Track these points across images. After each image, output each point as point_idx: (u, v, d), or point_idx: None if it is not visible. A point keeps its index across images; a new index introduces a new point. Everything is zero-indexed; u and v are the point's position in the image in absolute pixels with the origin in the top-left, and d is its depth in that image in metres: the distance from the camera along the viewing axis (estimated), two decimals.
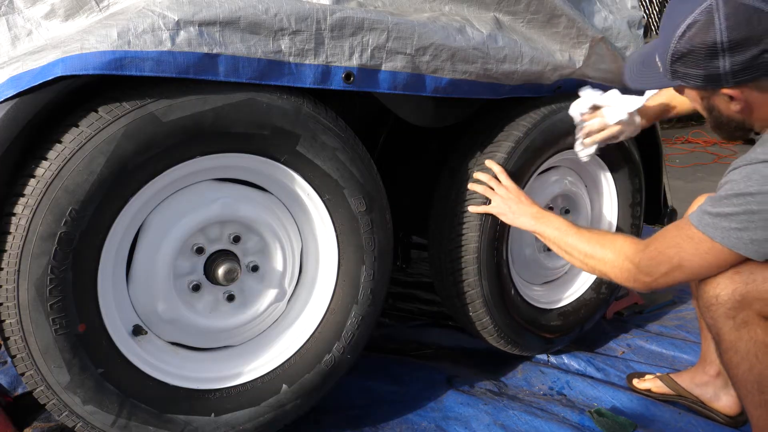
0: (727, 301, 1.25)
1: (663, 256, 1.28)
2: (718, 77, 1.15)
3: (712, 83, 1.17)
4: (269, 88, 1.26)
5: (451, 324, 2.26)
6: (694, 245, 1.24)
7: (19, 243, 1.08)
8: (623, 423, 1.65)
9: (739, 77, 1.13)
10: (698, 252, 1.23)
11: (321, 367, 1.49)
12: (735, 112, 1.21)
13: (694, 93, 1.26)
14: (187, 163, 1.24)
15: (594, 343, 2.20)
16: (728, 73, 1.13)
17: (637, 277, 1.32)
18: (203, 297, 1.38)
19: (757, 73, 1.12)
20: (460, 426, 1.62)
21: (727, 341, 1.28)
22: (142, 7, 1.13)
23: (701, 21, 1.12)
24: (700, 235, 1.22)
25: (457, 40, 1.45)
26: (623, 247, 1.36)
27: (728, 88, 1.16)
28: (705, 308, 1.30)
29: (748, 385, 1.28)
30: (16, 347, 1.13)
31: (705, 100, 1.25)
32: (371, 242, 1.48)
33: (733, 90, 1.16)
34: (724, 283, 1.25)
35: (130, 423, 1.25)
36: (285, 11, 1.22)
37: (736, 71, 1.12)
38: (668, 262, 1.27)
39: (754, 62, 1.10)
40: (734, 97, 1.18)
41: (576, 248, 1.45)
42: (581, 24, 1.70)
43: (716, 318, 1.28)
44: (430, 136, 1.81)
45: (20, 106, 1.07)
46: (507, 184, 1.62)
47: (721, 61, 1.12)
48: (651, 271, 1.30)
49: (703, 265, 1.24)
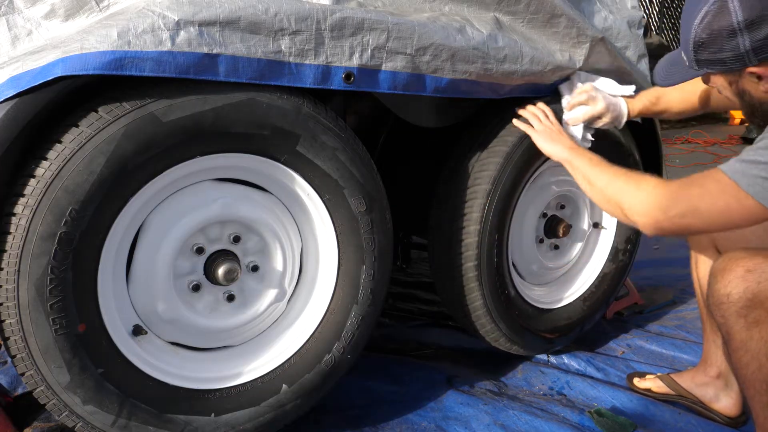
0: (739, 299, 1.24)
1: (685, 192, 1.23)
2: (741, 57, 1.19)
3: (736, 64, 1.21)
4: (269, 88, 1.26)
5: (451, 324, 2.26)
6: (720, 188, 1.19)
7: (19, 243, 1.08)
8: (623, 423, 1.65)
9: (761, 54, 1.17)
10: (722, 194, 1.18)
11: (321, 367, 1.49)
12: (764, 92, 1.24)
13: (722, 79, 1.29)
14: (187, 163, 1.24)
15: (594, 343, 2.20)
16: (749, 50, 1.17)
17: (651, 212, 1.26)
18: (203, 297, 1.38)
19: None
20: (460, 426, 1.62)
21: (738, 340, 1.27)
22: (142, 7, 1.12)
23: (716, 6, 1.18)
24: (727, 180, 1.18)
25: (457, 40, 1.45)
26: (647, 180, 1.32)
27: (753, 66, 1.20)
28: (715, 306, 1.28)
29: (757, 385, 1.28)
30: (16, 347, 1.13)
31: (734, 85, 1.28)
32: (371, 242, 1.48)
33: (758, 68, 1.20)
34: (735, 281, 1.24)
35: (130, 423, 1.25)
36: (285, 11, 1.22)
37: (756, 48, 1.17)
38: (688, 201, 1.22)
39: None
40: (761, 75, 1.21)
41: (602, 175, 1.41)
42: (581, 24, 1.70)
43: (727, 316, 1.27)
44: (430, 136, 1.81)
45: (20, 106, 1.07)
46: (552, 119, 1.64)
47: (741, 41, 1.17)
48: (668, 207, 1.24)
49: (723, 211, 1.19)
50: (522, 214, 1.87)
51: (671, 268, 3.08)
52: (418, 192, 1.89)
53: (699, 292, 1.75)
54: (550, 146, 1.59)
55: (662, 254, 3.37)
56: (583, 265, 2.13)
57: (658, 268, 3.11)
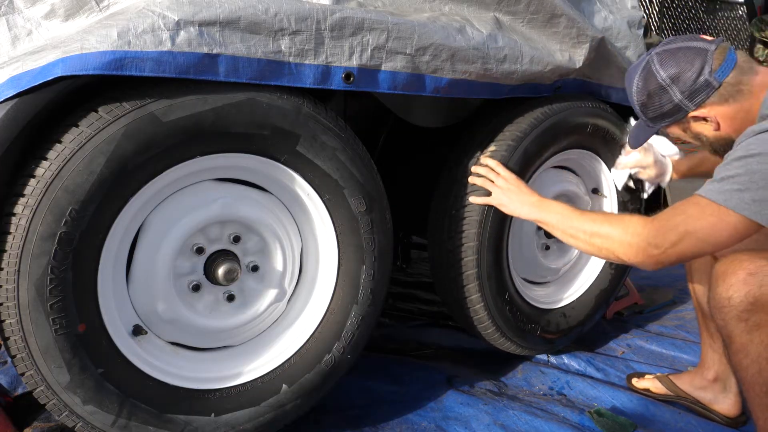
0: (740, 303, 1.24)
1: (670, 224, 1.26)
2: (679, 106, 1.37)
3: (678, 113, 1.38)
4: (269, 88, 1.26)
5: (451, 324, 2.26)
6: (700, 209, 1.23)
7: (19, 243, 1.08)
8: (623, 423, 1.65)
9: (694, 98, 1.34)
10: (704, 215, 1.22)
11: (321, 367, 1.49)
12: (715, 131, 1.38)
13: (676, 129, 1.45)
14: (187, 163, 1.24)
15: (594, 343, 2.20)
16: (683, 99, 1.35)
17: (646, 251, 1.29)
18: (203, 297, 1.38)
19: (704, 92, 1.33)
20: (460, 426, 1.62)
21: (738, 343, 1.27)
22: (142, 7, 1.13)
23: (644, 73, 1.39)
24: (705, 201, 1.22)
25: (457, 40, 1.45)
26: (630, 222, 1.34)
27: (693, 111, 1.36)
28: (717, 309, 1.29)
29: (757, 388, 1.28)
30: (16, 347, 1.13)
31: (687, 131, 1.44)
32: (371, 242, 1.48)
33: (698, 111, 1.36)
34: (737, 285, 1.25)
35: (130, 423, 1.25)
36: (285, 11, 1.22)
37: (687, 95, 1.34)
38: (675, 230, 1.25)
39: (696, 84, 1.32)
40: (705, 117, 1.36)
41: (581, 229, 1.42)
42: (581, 24, 1.70)
43: (728, 320, 1.27)
44: (430, 135, 1.81)
45: (20, 106, 1.07)
46: (506, 175, 1.61)
47: (673, 93, 1.35)
48: (659, 242, 1.27)
49: (710, 230, 1.22)
50: None
51: (671, 268, 3.08)
52: (418, 192, 1.89)
53: (695, 297, 1.75)
54: (516, 208, 1.58)
55: None
56: (584, 265, 2.12)
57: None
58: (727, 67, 1.31)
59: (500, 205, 1.61)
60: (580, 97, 1.84)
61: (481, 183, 1.63)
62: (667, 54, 1.37)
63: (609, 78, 1.91)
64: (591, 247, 1.42)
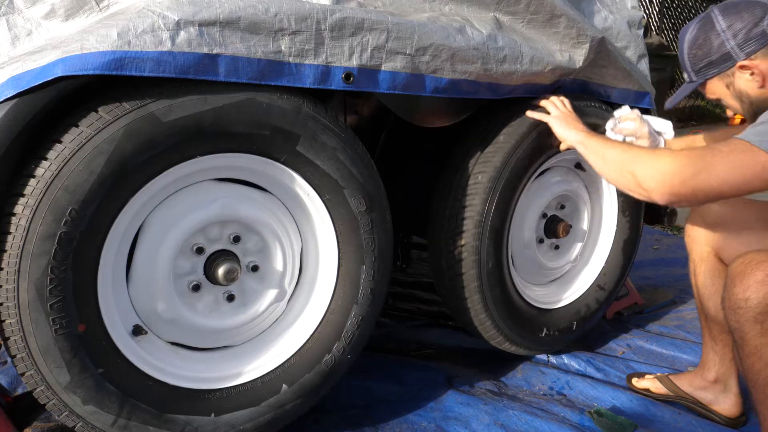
0: (757, 305, 1.23)
1: (699, 154, 1.27)
2: (729, 55, 1.39)
3: (727, 62, 1.40)
4: (269, 88, 1.26)
5: (451, 324, 2.26)
6: (732, 146, 1.24)
7: (19, 243, 1.08)
8: (623, 423, 1.65)
9: (746, 48, 1.37)
10: (734, 151, 1.23)
11: (321, 367, 1.49)
12: (759, 89, 1.38)
13: (719, 84, 1.45)
14: (187, 163, 1.24)
15: (594, 343, 2.20)
16: (734, 46, 1.37)
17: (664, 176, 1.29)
18: (203, 297, 1.38)
19: (758, 42, 1.35)
20: (460, 426, 1.62)
21: (752, 346, 1.26)
22: (142, 7, 1.12)
23: (703, 21, 1.43)
24: (738, 140, 1.24)
25: (456, 41, 1.45)
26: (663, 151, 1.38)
27: (741, 60, 1.37)
28: (731, 311, 1.27)
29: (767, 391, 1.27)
30: (16, 347, 1.13)
31: (731, 87, 1.43)
32: (371, 242, 1.48)
33: (747, 62, 1.37)
34: (755, 286, 1.23)
35: (130, 423, 1.25)
36: (285, 11, 1.22)
37: (740, 44, 1.37)
38: (702, 159, 1.26)
39: (751, 33, 1.36)
40: (751, 70, 1.37)
41: (615, 150, 1.44)
42: (581, 24, 1.70)
43: (743, 322, 1.26)
44: (430, 135, 1.81)
45: (20, 106, 1.07)
46: (569, 108, 1.68)
47: (726, 40, 1.38)
48: (681, 169, 1.27)
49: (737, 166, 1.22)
50: (522, 214, 1.87)
51: (671, 268, 3.09)
52: (418, 192, 1.89)
53: (698, 299, 1.75)
54: (565, 131, 1.61)
55: (662, 254, 3.37)
56: (584, 265, 2.13)
57: (658, 268, 3.11)
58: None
59: (554, 124, 1.64)
60: (580, 97, 1.84)
61: (545, 104, 1.69)
62: (729, 5, 1.40)
63: (609, 78, 1.91)
64: (615, 168, 1.42)
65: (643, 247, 2.45)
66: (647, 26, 5.63)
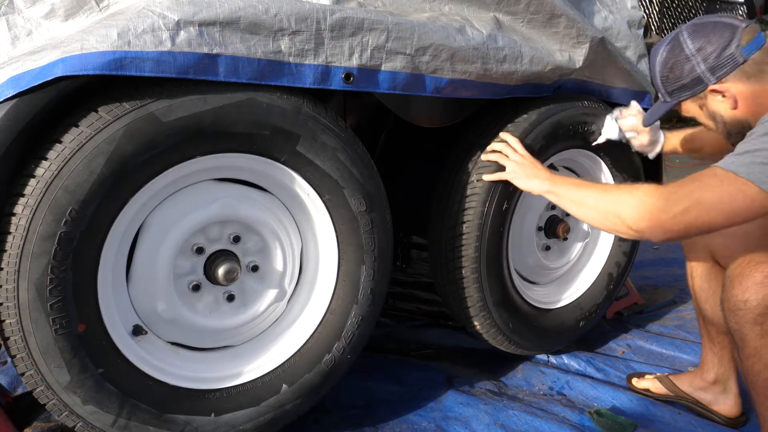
0: (757, 306, 1.23)
1: (683, 190, 1.23)
2: (700, 79, 1.37)
3: (698, 85, 1.38)
4: (269, 88, 1.26)
5: (451, 324, 2.26)
6: (718, 179, 1.20)
7: (19, 243, 1.08)
8: (623, 423, 1.65)
9: (717, 72, 1.34)
10: (721, 185, 1.18)
11: (321, 367, 1.49)
12: (732, 110, 1.37)
13: (692, 105, 1.44)
14: (187, 163, 1.24)
15: (594, 343, 2.20)
16: (705, 71, 1.35)
17: (654, 216, 1.24)
18: (203, 297, 1.38)
19: (728, 66, 1.33)
20: (460, 426, 1.62)
21: (752, 347, 1.26)
22: (142, 7, 1.12)
23: (672, 44, 1.40)
24: (723, 172, 1.19)
25: (456, 41, 1.45)
26: (641, 187, 1.32)
27: (712, 84, 1.36)
28: (731, 312, 1.27)
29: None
30: (16, 347, 1.13)
31: (704, 108, 1.43)
32: (371, 242, 1.48)
33: (718, 86, 1.36)
34: (754, 288, 1.23)
35: (130, 423, 1.25)
36: (285, 11, 1.22)
37: (711, 68, 1.35)
38: (689, 197, 1.21)
39: (721, 57, 1.33)
40: (723, 93, 1.36)
41: (590, 195, 1.40)
42: (581, 24, 1.70)
43: (742, 323, 1.25)
44: (430, 135, 1.81)
45: (20, 106, 1.07)
46: (522, 152, 1.62)
47: (696, 64, 1.36)
48: (669, 207, 1.22)
49: (726, 201, 1.18)
50: (522, 214, 1.87)
51: (671, 268, 3.08)
52: (418, 192, 1.89)
53: (696, 301, 1.75)
54: (527, 181, 1.57)
55: (662, 254, 3.37)
56: (583, 266, 2.13)
57: (658, 268, 3.11)
58: (755, 44, 1.31)
59: (514, 179, 1.60)
60: (580, 97, 1.84)
61: (496, 158, 1.64)
62: (697, 27, 1.38)
63: (609, 78, 1.91)
64: (598, 215, 1.38)
65: (643, 247, 2.45)
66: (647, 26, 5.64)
